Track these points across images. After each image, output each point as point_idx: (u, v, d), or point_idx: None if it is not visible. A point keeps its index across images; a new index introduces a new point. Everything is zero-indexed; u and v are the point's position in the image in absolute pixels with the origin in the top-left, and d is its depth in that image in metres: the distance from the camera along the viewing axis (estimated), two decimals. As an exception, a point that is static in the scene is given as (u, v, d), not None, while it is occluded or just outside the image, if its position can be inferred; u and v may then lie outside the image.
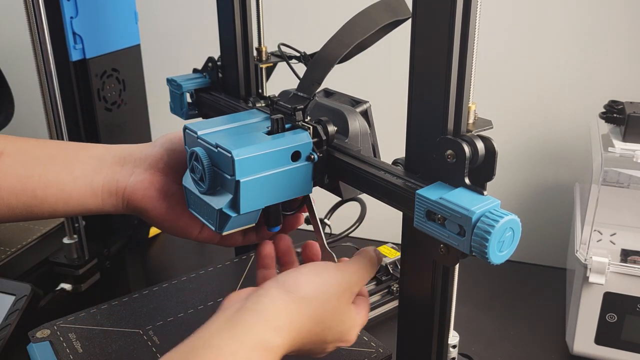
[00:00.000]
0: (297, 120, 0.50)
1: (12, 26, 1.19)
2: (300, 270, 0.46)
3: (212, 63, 0.70)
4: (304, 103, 0.50)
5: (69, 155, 0.53)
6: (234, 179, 0.45)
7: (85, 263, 0.80)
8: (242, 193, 0.45)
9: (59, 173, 0.52)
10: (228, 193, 0.47)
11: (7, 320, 0.66)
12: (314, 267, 0.47)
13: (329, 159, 0.50)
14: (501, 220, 0.38)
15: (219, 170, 0.47)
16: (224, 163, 0.46)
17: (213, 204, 0.47)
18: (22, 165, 0.51)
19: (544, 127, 1.03)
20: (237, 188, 0.45)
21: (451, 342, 0.50)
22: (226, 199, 0.46)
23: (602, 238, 0.77)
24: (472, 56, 0.41)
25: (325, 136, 0.49)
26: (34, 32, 0.70)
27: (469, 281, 0.84)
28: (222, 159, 0.46)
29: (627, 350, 0.68)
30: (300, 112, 0.50)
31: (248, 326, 0.40)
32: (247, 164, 0.45)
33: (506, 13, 0.98)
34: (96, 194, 0.52)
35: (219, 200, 0.47)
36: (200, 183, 0.49)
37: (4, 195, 0.51)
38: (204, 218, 0.50)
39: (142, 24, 0.88)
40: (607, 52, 0.95)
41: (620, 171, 0.78)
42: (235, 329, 0.40)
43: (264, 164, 0.46)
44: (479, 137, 0.41)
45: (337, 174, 0.50)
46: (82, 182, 0.52)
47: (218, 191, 0.48)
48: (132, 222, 0.91)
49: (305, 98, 0.51)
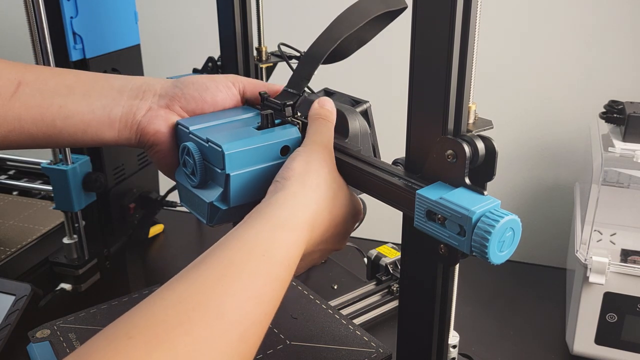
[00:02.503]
0: (286, 116, 0.51)
1: (12, 26, 1.19)
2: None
3: (212, 63, 0.70)
4: (294, 99, 0.51)
5: (88, 85, 0.53)
6: (224, 172, 0.46)
7: (85, 263, 0.80)
8: (232, 186, 0.47)
9: (78, 104, 0.52)
10: (218, 186, 0.48)
11: (7, 320, 0.66)
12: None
13: None
14: (501, 220, 0.37)
15: (210, 164, 0.48)
16: (215, 157, 0.47)
17: (204, 197, 0.48)
18: (42, 95, 0.52)
19: (544, 127, 1.03)
20: (227, 181, 0.46)
21: (451, 342, 0.50)
22: (217, 192, 0.48)
23: (602, 238, 0.77)
24: (472, 56, 0.41)
25: None
26: (34, 32, 0.70)
27: (469, 281, 0.84)
28: (212, 153, 0.47)
29: (627, 350, 0.68)
30: (290, 108, 0.51)
31: (267, 213, 0.42)
32: (237, 158, 0.46)
33: (506, 13, 0.98)
34: (113, 125, 0.53)
35: (210, 193, 0.48)
36: (191, 177, 0.50)
37: (25, 125, 0.51)
38: (195, 211, 0.51)
39: (142, 24, 0.88)
40: (607, 52, 0.95)
41: (620, 171, 0.78)
42: (255, 218, 0.42)
43: (253, 158, 0.47)
44: (479, 137, 0.41)
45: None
46: (101, 113, 0.52)
47: (209, 185, 0.49)
48: (132, 222, 0.91)
49: (295, 94, 0.52)
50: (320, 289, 0.78)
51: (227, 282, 0.37)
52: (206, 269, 0.38)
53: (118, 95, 0.53)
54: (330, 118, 0.50)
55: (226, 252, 0.39)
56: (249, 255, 0.39)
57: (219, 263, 0.38)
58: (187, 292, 0.36)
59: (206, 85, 0.54)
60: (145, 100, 0.53)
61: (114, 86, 0.54)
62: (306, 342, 0.56)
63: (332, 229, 0.47)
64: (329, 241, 0.48)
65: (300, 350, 0.55)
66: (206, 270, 0.38)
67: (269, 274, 0.39)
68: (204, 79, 0.54)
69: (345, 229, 0.49)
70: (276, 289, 0.40)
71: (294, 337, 0.57)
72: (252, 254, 0.39)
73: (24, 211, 0.93)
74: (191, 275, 0.37)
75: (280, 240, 0.41)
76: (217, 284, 0.37)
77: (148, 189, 0.94)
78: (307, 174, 0.45)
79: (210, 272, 0.37)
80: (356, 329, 0.58)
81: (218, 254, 0.39)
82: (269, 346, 0.55)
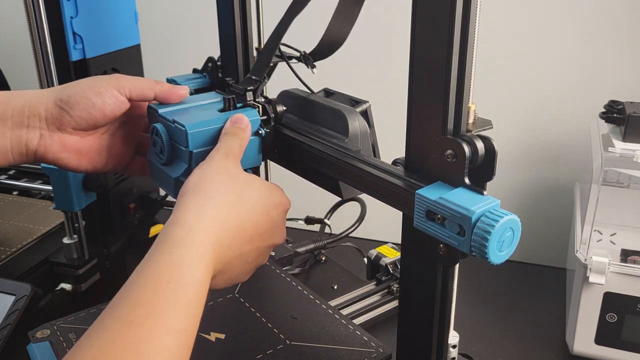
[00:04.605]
0: (247, 100, 0.55)
1: (12, 26, 1.19)
2: None
3: (212, 63, 0.70)
4: (255, 85, 0.56)
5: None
6: (188, 150, 0.51)
7: (85, 263, 0.80)
8: (194, 162, 0.50)
9: None
10: (183, 163, 0.52)
11: (7, 320, 0.66)
12: None
13: (278, 135, 0.55)
14: (501, 220, 0.37)
15: (176, 143, 0.52)
16: (180, 136, 0.51)
17: (171, 173, 0.53)
18: None
19: (544, 127, 1.03)
20: (191, 158, 0.51)
21: (451, 342, 0.50)
22: (182, 168, 0.52)
23: (602, 238, 0.77)
24: (472, 56, 0.41)
25: (273, 114, 0.55)
26: (34, 32, 0.70)
27: (469, 281, 0.84)
28: (178, 133, 0.52)
29: (627, 350, 0.68)
30: (251, 92, 0.55)
31: (166, 234, 0.43)
32: (199, 137, 0.51)
33: (506, 13, 0.98)
34: (6, 157, 0.52)
35: (176, 169, 0.53)
36: (160, 155, 0.54)
37: None
38: (164, 186, 0.56)
39: (142, 24, 0.88)
40: (607, 52, 0.95)
41: (620, 171, 0.78)
42: (157, 243, 0.43)
43: (214, 137, 0.51)
44: (479, 137, 0.41)
45: (286, 149, 0.55)
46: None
47: (175, 162, 0.53)
48: (132, 222, 0.91)
49: (256, 80, 0.56)
50: (320, 289, 0.78)
51: (137, 327, 0.36)
52: (117, 319, 0.37)
53: (1, 125, 0.52)
54: (239, 134, 0.51)
55: (132, 292, 0.38)
56: (154, 288, 0.38)
57: (127, 308, 0.37)
58: (102, 351, 0.35)
59: (92, 101, 0.52)
60: (32, 128, 0.52)
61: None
62: (306, 342, 0.56)
63: (249, 229, 0.46)
64: (252, 241, 0.47)
65: (300, 350, 0.55)
66: (117, 321, 0.37)
67: (179, 301, 0.38)
68: (88, 93, 0.53)
69: (270, 222, 0.48)
70: (190, 311, 0.39)
71: (294, 337, 0.57)
72: (157, 287, 0.38)
73: (24, 211, 0.93)
74: (104, 328, 0.36)
75: (181, 261, 0.40)
76: (129, 333, 0.36)
77: (148, 189, 0.94)
78: (201, 183, 0.45)
79: (120, 323, 0.36)
80: (356, 329, 0.58)
81: (125, 297, 0.38)
82: (269, 346, 0.56)
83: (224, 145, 0.49)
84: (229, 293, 0.64)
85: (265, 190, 0.49)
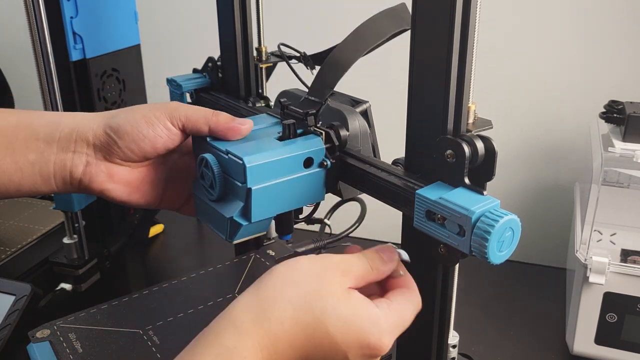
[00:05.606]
0: (309, 126, 0.49)
1: (12, 26, 1.19)
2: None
3: (212, 63, 0.70)
4: (316, 107, 0.49)
5: (10, 136, 0.48)
6: (245, 186, 0.44)
7: (85, 263, 0.80)
8: (253, 201, 0.44)
9: (3, 160, 0.47)
10: (239, 201, 0.45)
11: (7, 320, 0.66)
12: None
13: (342, 164, 0.49)
14: (501, 220, 0.37)
15: (230, 177, 0.46)
16: (235, 170, 0.45)
17: (224, 212, 0.46)
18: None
19: (544, 127, 1.03)
20: (249, 196, 0.44)
21: (451, 342, 0.50)
22: (237, 206, 0.45)
23: (602, 238, 0.77)
24: (472, 56, 0.41)
25: (337, 141, 0.48)
26: (34, 32, 0.70)
27: (469, 281, 0.84)
28: (232, 165, 0.45)
29: (627, 350, 0.68)
30: (313, 117, 0.49)
31: (214, 332, 0.37)
32: (258, 171, 0.44)
33: (506, 13, 0.98)
34: (49, 182, 0.49)
35: (230, 208, 0.46)
36: (210, 190, 0.47)
37: None
38: (214, 226, 0.48)
39: (142, 24, 0.88)
40: (607, 52, 0.95)
41: (620, 171, 0.78)
42: (206, 336, 0.37)
43: (275, 171, 0.45)
44: (479, 137, 0.41)
45: (351, 180, 0.49)
46: (30, 171, 0.48)
47: (228, 199, 0.46)
48: (132, 222, 0.91)
49: (317, 102, 0.50)
50: (320, 289, 0.77)
51: None
52: None
53: (46, 147, 0.48)
54: (379, 267, 0.43)
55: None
56: None
57: None
58: None
59: (143, 133, 0.48)
60: (79, 154, 0.49)
61: (39, 136, 0.48)
62: (306, 342, 0.56)
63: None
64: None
65: (300, 350, 0.55)
66: None
67: None
68: (140, 122, 0.48)
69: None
70: None
71: (294, 337, 0.57)
72: None
73: (24, 211, 0.93)
74: None
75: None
76: None
77: (148, 189, 0.94)
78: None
79: None
80: (356, 329, 0.58)
81: None
82: (269, 346, 0.55)
83: (351, 263, 0.41)
84: (228, 293, 0.64)
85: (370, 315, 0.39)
